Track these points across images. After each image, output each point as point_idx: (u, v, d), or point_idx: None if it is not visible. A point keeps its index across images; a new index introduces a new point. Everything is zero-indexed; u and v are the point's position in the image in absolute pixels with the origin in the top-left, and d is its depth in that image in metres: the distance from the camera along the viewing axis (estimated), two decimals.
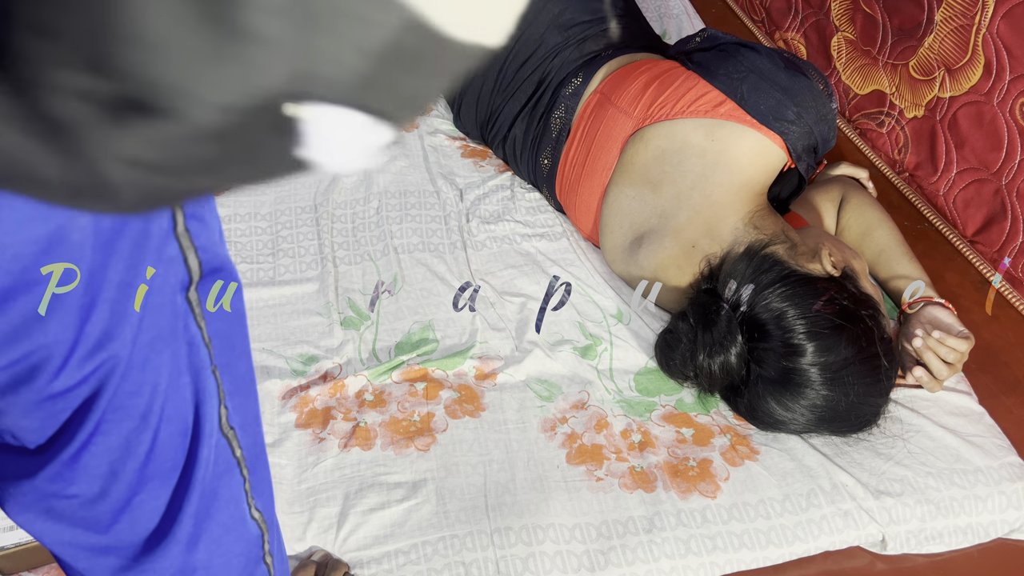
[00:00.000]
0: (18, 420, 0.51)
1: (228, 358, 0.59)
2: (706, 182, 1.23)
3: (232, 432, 0.60)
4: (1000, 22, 1.31)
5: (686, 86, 1.28)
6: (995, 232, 1.39)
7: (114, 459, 0.54)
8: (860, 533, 1.08)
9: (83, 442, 0.52)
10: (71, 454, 0.52)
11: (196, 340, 0.55)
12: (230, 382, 0.59)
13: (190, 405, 0.56)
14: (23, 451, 0.53)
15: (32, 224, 0.42)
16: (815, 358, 1.09)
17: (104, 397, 0.51)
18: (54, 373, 0.48)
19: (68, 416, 0.51)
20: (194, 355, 0.55)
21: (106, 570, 0.59)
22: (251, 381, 0.64)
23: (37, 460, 0.53)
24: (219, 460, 0.60)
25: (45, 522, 0.57)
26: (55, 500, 0.55)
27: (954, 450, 1.15)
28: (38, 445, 0.53)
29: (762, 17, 1.91)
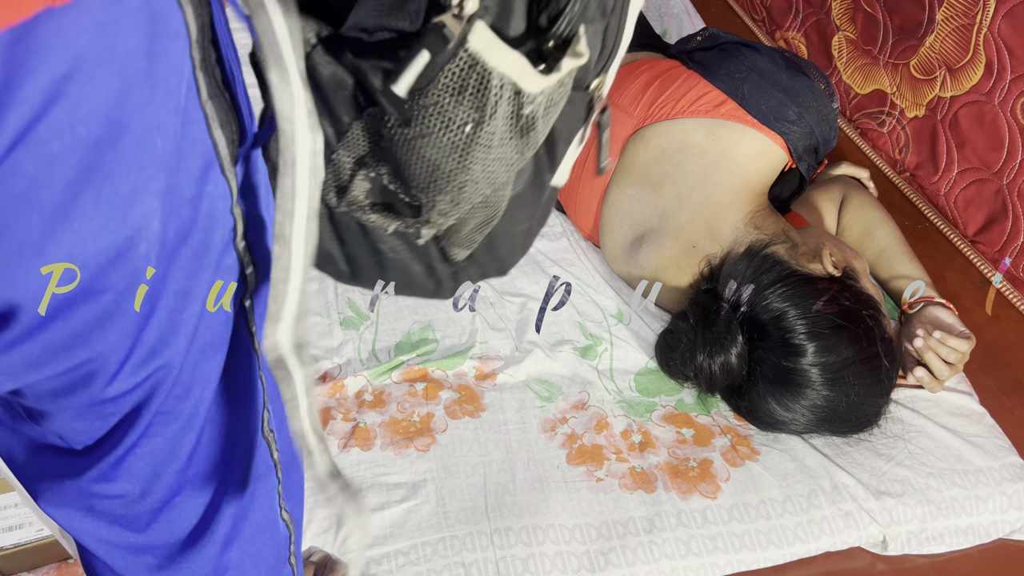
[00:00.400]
0: (68, 423, 0.51)
1: None
2: (707, 182, 1.22)
3: (272, 435, 0.61)
4: (1001, 22, 1.30)
5: (687, 86, 1.28)
6: (996, 232, 1.39)
7: (158, 461, 0.54)
8: (861, 534, 1.08)
9: (130, 445, 0.53)
10: (118, 456, 0.53)
11: (247, 346, 0.56)
12: (272, 386, 0.60)
13: (239, 409, 0.57)
14: (69, 452, 0.54)
15: (102, 235, 0.43)
16: (816, 358, 1.08)
17: (155, 402, 0.51)
18: (109, 379, 0.48)
19: (118, 420, 0.52)
20: (245, 361, 0.56)
21: (142, 568, 0.59)
22: None
23: (83, 461, 0.54)
24: (260, 463, 0.61)
25: (84, 519, 0.58)
26: (96, 500, 0.56)
27: (955, 450, 1.15)
28: (85, 446, 0.53)
29: (763, 16, 1.90)
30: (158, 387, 0.51)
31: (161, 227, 0.45)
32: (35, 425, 0.53)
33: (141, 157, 0.42)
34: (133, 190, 0.43)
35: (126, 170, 0.42)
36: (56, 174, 0.40)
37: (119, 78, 0.40)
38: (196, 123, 0.45)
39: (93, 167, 0.41)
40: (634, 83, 1.33)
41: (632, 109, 1.31)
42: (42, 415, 0.51)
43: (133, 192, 0.43)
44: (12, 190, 0.39)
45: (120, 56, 0.40)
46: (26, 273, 0.42)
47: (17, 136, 0.38)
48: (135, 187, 0.43)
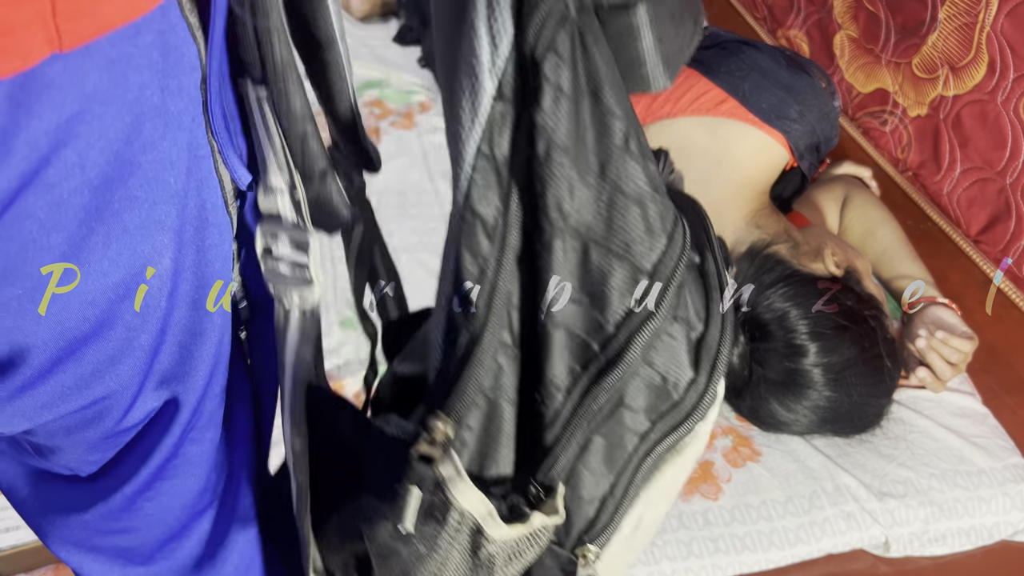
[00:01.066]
0: (81, 455, 0.51)
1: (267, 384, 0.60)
2: (708, 181, 1.22)
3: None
4: (1004, 20, 1.30)
5: (687, 84, 1.27)
6: (999, 231, 1.38)
7: (167, 500, 0.54)
8: (863, 535, 1.07)
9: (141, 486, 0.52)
10: (128, 496, 0.52)
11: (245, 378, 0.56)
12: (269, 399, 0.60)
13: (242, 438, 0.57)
14: (75, 480, 0.53)
15: (112, 271, 0.42)
16: (818, 359, 1.08)
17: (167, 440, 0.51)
18: (122, 413, 0.48)
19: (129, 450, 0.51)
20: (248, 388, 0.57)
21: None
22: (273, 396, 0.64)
23: (90, 494, 0.53)
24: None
25: (87, 555, 0.57)
26: (101, 535, 0.55)
27: (957, 451, 1.14)
28: (90, 474, 0.52)
29: (764, 15, 1.90)
30: (171, 425, 0.50)
31: (172, 263, 0.44)
32: (41, 459, 0.52)
33: (152, 194, 0.42)
34: (143, 226, 0.42)
35: (137, 207, 0.41)
36: (66, 217, 0.39)
37: (130, 115, 0.39)
38: (205, 159, 0.45)
39: (103, 206, 0.40)
40: None
41: None
42: (52, 451, 0.50)
43: (143, 228, 0.42)
44: (22, 235, 0.38)
45: (132, 93, 0.39)
46: (39, 318, 0.41)
47: (24, 180, 0.37)
48: (145, 223, 0.42)
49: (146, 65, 0.39)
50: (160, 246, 0.43)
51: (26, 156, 0.36)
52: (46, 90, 0.36)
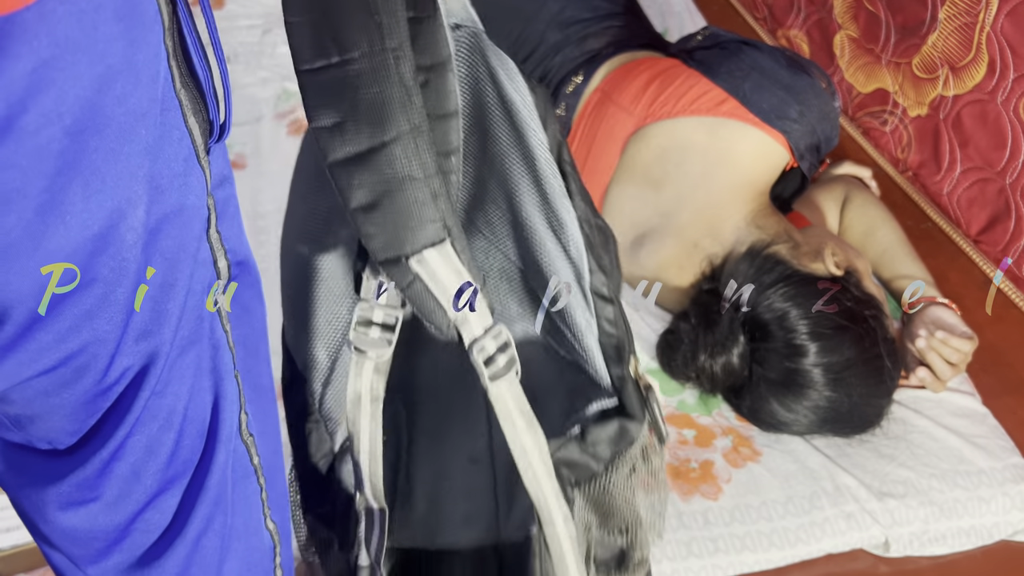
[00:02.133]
0: (59, 423, 0.50)
1: (250, 365, 0.59)
2: (708, 181, 1.22)
3: (251, 439, 0.60)
4: (1004, 20, 1.30)
5: (688, 84, 1.27)
6: (999, 232, 1.39)
7: (136, 460, 0.53)
8: (863, 535, 1.07)
9: (117, 445, 0.52)
10: (104, 459, 0.52)
11: (221, 343, 0.55)
12: (251, 389, 0.59)
13: (209, 408, 0.56)
14: (53, 453, 0.53)
15: (90, 224, 0.42)
16: (818, 359, 1.08)
17: (141, 397, 0.51)
18: (102, 372, 0.48)
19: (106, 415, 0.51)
20: (218, 358, 0.55)
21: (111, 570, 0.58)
22: (271, 390, 0.63)
23: (67, 463, 0.53)
24: (237, 466, 0.59)
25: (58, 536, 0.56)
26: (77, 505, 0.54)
27: (957, 451, 1.14)
28: (68, 446, 0.52)
29: (764, 15, 1.90)
30: (144, 381, 0.50)
31: (145, 215, 0.45)
32: (20, 431, 0.52)
33: (126, 145, 0.42)
34: (120, 178, 0.42)
35: (112, 158, 0.42)
36: (46, 165, 0.39)
37: (102, 65, 0.40)
38: (173, 111, 0.46)
39: (81, 155, 0.40)
40: (634, 82, 1.33)
41: (633, 108, 1.31)
42: (31, 420, 0.50)
43: (119, 180, 0.42)
44: (5, 187, 0.39)
45: (101, 43, 0.40)
46: (22, 272, 0.41)
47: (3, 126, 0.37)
48: (121, 175, 0.42)
49: (113, 17, 0.40)
50: (135, 198, 0.44)
51: (4, 99, 0.37)
52: (22, 34, 0.37)
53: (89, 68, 0.39)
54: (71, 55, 0.38)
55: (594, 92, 1.37)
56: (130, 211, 0.44)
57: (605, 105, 1.34)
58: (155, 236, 0.46)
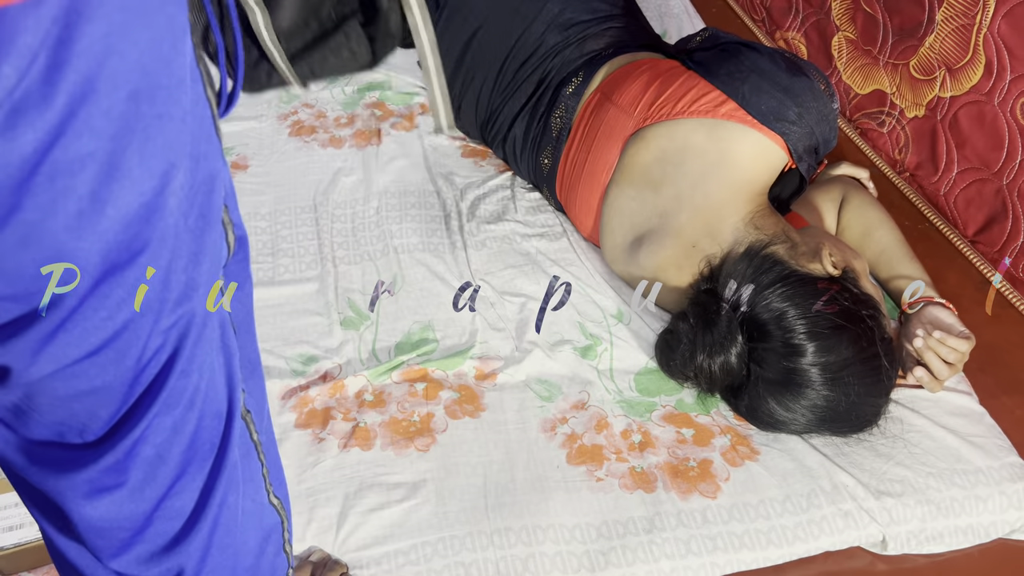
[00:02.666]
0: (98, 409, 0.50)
1: (244, 340, 0.59)
2: (707, 182, 1.23)
3: (249, 416, 0.60)
4: (1001, 22, 1.30)
5: (687, 86, 1.28)
6: (996, 232, 1.39)
7: (162, 442, 0.53)
8: (861, 533, 1.08)
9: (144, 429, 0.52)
10: (132, 441, 0.52)
11: (226, 320, 0.56)
12: (245, 365, 0.59)
13: (224, 386, 0.56)
14: (83, 446, 0.53)
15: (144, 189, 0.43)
16: (816, 358, 1.08)
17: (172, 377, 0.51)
18: (140, 350, 0.48)
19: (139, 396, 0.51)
20: (227, 336, 0.56)
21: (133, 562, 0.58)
22: (259, 366, 0.64)
23: (97, 451, 0.53)
24: (242, 443, 0.60)
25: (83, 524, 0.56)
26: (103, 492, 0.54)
27: (955, 450, 1.15)
28: (99, 436, 0.52)
29: (763, 16, 1.91)
30: (176, 359, 0.50)
31: (187, 181, 0.45)
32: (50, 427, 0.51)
33: (172, 110, 0.43)
34: (166, 143, 0.43)
35: (160, 123, 0.42)
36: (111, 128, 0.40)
37: (152, 31, 0.41)
38: (198, 82, 0.46)
39: (136, 120, 0.41)
40: (634, 83, 1.33)
41: (632, 109, 1.31)
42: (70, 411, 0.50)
43: (166, 145, 0.43)
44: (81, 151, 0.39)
45: (151, 12, 0.40)
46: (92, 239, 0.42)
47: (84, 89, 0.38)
48: (169, 140, 0.43)
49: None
50: (179, 163, 0.45)
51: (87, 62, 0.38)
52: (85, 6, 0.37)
53: (144, 33, 0.40)
54: (133, 19, 0.39)
55: (593, 93, 1.38)
56: (175, 176, 0.44)
57: (604, 106, 1.35)
58: (192, 203, 0.47)
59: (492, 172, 1.54)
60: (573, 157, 1.39)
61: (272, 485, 0.64)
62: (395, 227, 1.42)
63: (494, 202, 1.48)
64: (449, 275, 1.36)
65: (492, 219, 1.45)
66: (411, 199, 1.48)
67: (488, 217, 1.45)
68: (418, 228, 1.43)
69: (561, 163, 1.41)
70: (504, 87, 1.47)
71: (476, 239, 1.42)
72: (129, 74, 0.40)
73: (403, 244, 1.40)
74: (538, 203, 1.49)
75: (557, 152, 1.41)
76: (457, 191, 1.49)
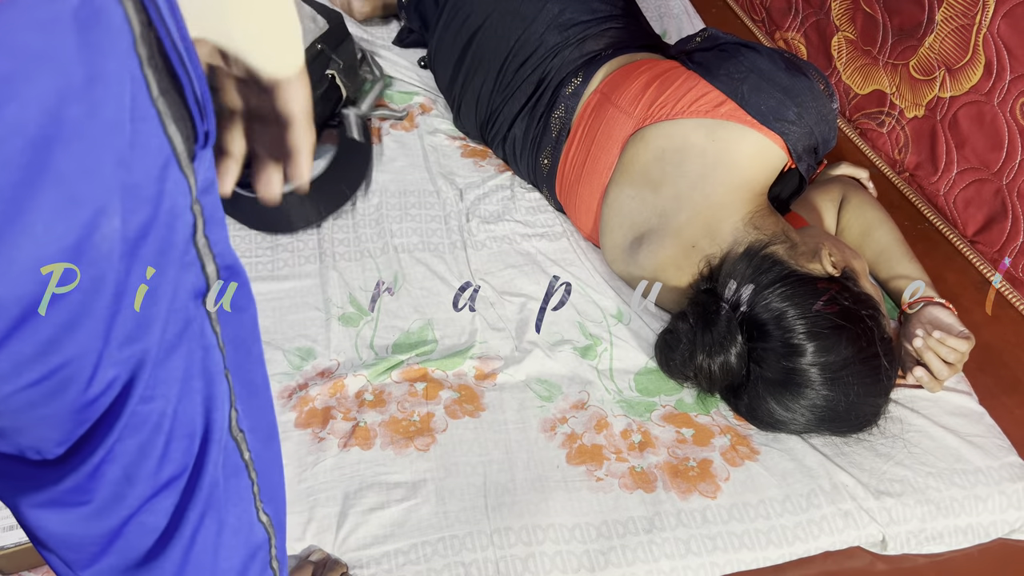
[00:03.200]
0: (46, 433, 0.51)
1: (242, 362, 0.59)
2: (706, 182, 1.23)
3: (242, 435, 0.60)
4: (1001, 22, 1.31)
5: (686, 86, 1.28)
6: (995, 232, 1.39)
7: (128, 463, 0.54)
8: (860, 533, 1.08)
9: (107, 451, 0.52)
10: (94, 464, 0.52)
11: (211, 344, 0.56)
12: (242, 386, 0.59)
13: (200, 409, 0.56)
14: (43, 463, 0.53)
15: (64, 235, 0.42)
16: (815, 358, 1.08)
17: (130, 403, 0.51)
18: (86, 383, 0.48)
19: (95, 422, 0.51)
20: (208, 360, 0.56)
21: (105, 572, 0.58)
22: (265, 387, 0.64)
23: (58, 470, 0.53)
24: (227, 463, 0.60)
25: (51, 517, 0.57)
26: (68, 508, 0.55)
27: (954, 450, 1.15)
28: (58, 456, 0.52)
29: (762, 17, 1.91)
30: (132, 388, 0.51)
31: (122, 224, 0.45)
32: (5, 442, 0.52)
33: (95, 154, 0.42)
34: (90, 188, 0.43)
35: (81, 168, 0.42)
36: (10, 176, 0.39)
37: (65, 76, 0.40)
38: (149, 120, 0.46)
39: (46, 167, 0.41)
40: (633, 84, 1.33)
41: (631, 110, 1.31)
42: (18, 431, 0.50)
43: (90, 191, 0.43)
44: None
45: (64, 54, 0.40)
46: None
47: None
48: (91, 186, 0.43)
49: (76, 27, 0.40)
50: (109, 208, 0.44)
51: None
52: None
53: (52, 79, 0.39)
54: (32, 66, 0.38)
55: (593, 94, 1.38)
56: (104, 221, 0.44)
57: (604, 107, 1.35)
58: (135, 245, 0.47)
59: (492, 172, 1.54)
60: (573, 157, 1.39)
61: (263, 501, 0.64)
62: (395, 226, 1.42)
63: (494, 202, 1.48)
64: (449, 275, 1.36)
65: (492, 219, 1.45)
66: (411, 199, 1.48)
67: (488, 217, 1.45)
68: (418, 228, 1.43)
69: (561, 163, 1.41)
70: (504, 87, 1.47)
71: (476, 239, 1.42)
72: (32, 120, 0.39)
73: (403, 243, 1.40)
74: (538, 203, 1.49)
75: (557, 152, 1.41)
76: (457, 191, 1.49)
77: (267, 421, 0.65)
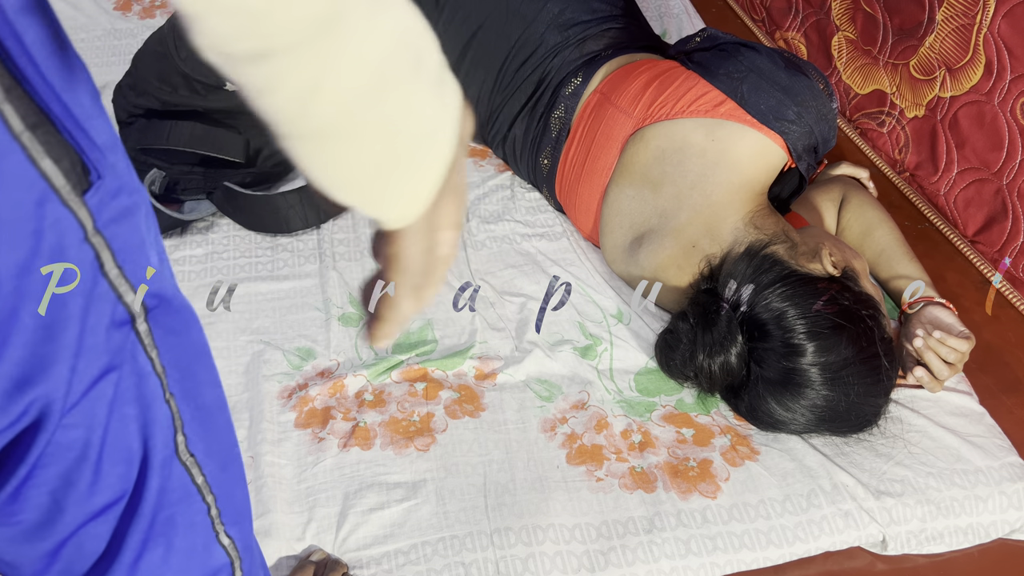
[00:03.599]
0: None
1: (188, 387, 0.58)
2: (706, 182, 1.23)
3: (192, 459, 0.60)
4: (1001, 22, 1.30)
5: (686, 86, 1.28)
6: (996, 232, 1.39)
7: (54, 489, 0.53)
8: (861, 533, 1.08)
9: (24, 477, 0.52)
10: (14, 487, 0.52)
11: (145, 371, 0.55)
12: (192, 410, 0.59)
13: (137, 435, 0.56)
14: None
15: None
16: (815, 358, 1.08)
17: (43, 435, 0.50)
18: None
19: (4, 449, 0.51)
20: (144, 386, 0.55)
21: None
22: (220, 408, 0.63)
23: None
24: (176, 487, 0.59)
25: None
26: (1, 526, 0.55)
27: (955, 450, 1.15)
28: None
29: (762, 16, 1.91)
30: (44, 419, 0.50)
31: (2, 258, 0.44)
32: None
33: None
34: None
35: None
36: None
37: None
38: (12, 155, 0.44)
39: None
40: (633, 83, 1.33)
41: (631, 109, 1.31)
42: None
43: None
44: None
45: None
46: None
47: None
48: None
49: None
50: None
51: None
52: None
53: None
54: None
55: (593, 94, 1.38)
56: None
57: (604, 107, 1.35)
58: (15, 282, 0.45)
59: (492, 172, 1.54)
60: (572, 157, 1.39)
61: (224, 524, 0.64)
62: None
63: (494, 202, 1.48)
64: (449, 275, 1.36)
65: (492, 219, 1.45)
66: None
67: (488, 217, 1.45)
68: None
69: (560, 163, 1.41)
70: (504, 87, 1.47)
71: (476, 239, 1.42)
72: None
73: None
74: (538, 203, 1.49)
75: (556, 152, 1.41)
76: None
77: (225, 444, 0.64)
